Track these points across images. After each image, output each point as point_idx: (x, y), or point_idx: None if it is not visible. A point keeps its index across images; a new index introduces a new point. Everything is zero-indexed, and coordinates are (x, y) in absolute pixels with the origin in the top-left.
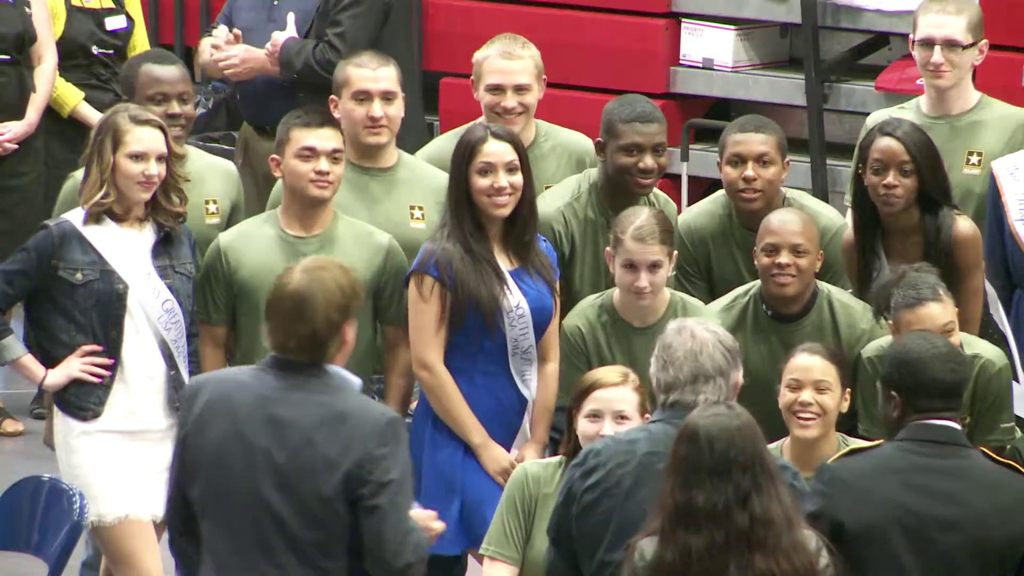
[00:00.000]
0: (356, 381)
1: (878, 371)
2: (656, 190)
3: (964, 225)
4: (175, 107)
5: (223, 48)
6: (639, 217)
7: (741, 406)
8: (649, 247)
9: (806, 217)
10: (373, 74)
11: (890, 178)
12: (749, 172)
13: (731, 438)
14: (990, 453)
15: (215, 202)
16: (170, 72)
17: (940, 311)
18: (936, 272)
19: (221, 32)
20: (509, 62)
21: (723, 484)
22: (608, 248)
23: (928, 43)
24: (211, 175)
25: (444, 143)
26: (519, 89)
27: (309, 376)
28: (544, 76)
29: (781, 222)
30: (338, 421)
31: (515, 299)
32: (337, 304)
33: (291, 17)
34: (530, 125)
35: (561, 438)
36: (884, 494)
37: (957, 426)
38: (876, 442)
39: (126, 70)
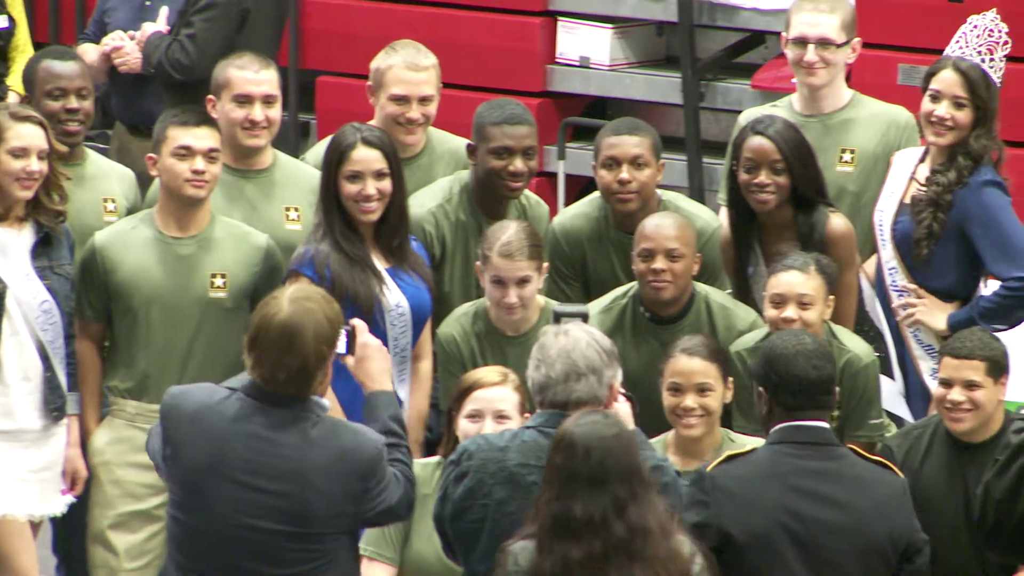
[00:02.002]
0: (328, 404)
1: (747, 364)
2: (527, 192)
3: (837, 223)
4: (73, 102)
5: (121, 46)
6: (506, 233)
7: (614, 414)
8: (517, 263)
9: (682, 221)
10: (255, 77)
11: (762, 176)
12: (624, 175)
13: (608, 447)
14: (860, 451)
15: (113, 201)
16: (69, 68)
17: (800, 280)
18: (831, 264)
19: (115, 36)
20: (415, 73)
21: (600, 494)
22: (478, 262)
23: (802, 41)
24: (110, 176)
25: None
26: (423, 100)
27: (295, 411)
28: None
29: (656, 227)
30: (337, 461)
31: (395, 297)
32: (326, 336)
33: (164, 10)
34: (424, 132)
35: (434, 437)
36: (769, 501)
37: (826, 425)
38: (750, 447)
39: (28, 66)
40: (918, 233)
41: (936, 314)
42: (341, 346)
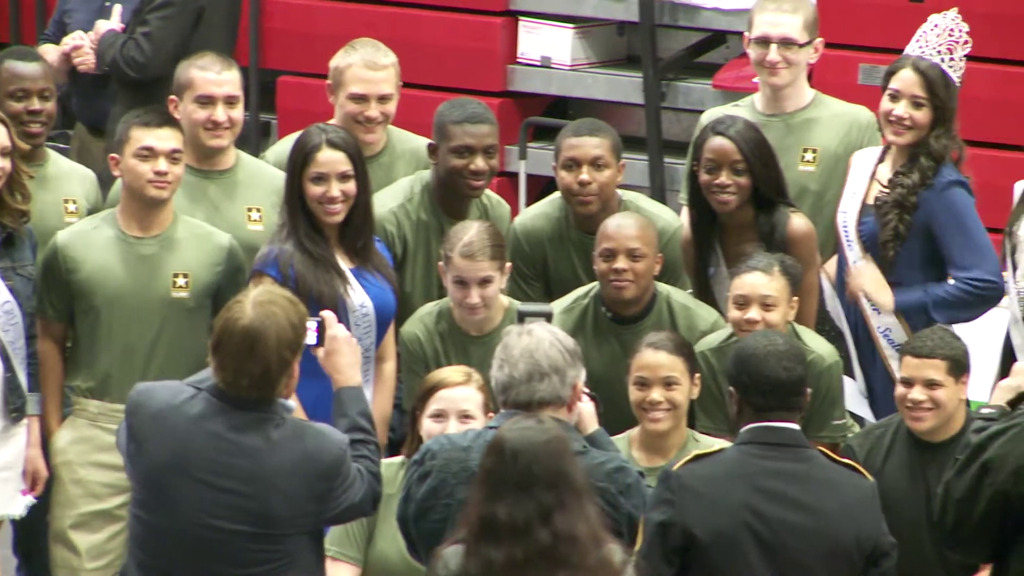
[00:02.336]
0: (293, 406)
1: (711, 365)
2: (488, 191)
3: (798, 223)
4: (36, 103)
5: (80, 45)
6: (467, 233)
7: (553, 421)
8: (478, 264)
9: (643, 221)
10: (217, 77)
11: (723, 177)
12: (584, 176)
13: (536, 453)
14: (829, 453)
15: (74, 202)
16: (31, 69)
17: (763, 281)
18: (796, 265)
19: (76, 35)
20: (374, 72)
21: (525, 499)
22: (440, 263)
23: (764, 41)
24: (71, 177)
25: (290, 145)
26: (382, 99)
27: (259, 414)
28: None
29: (617, 227)
30: (301, 463)
31: (359, 298)
32: (289, 341)
33: (117, 8)
34: (384, 130)
35: (397, 438)
36: (734, 501)
37: (796, 427)
38: (717, 447)
39: None
40: (884, 235)
41: (882, 291)
42: (311, 338)
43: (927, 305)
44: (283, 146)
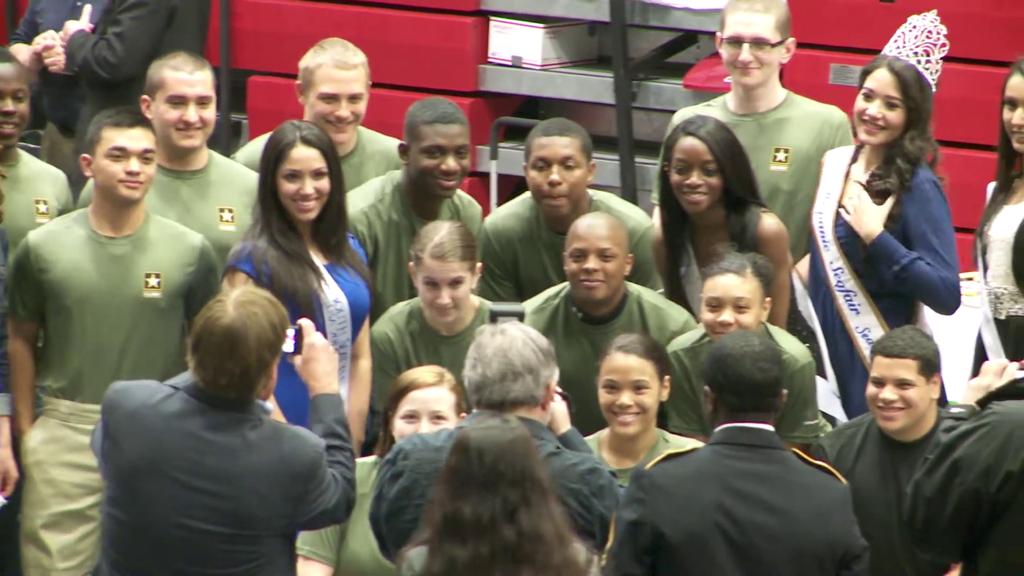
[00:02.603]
0: (271, 408)
1: (684, 365)
2: (460, 192)
3: (769, 223)
4: (9, 104)
5: (52, 45)
6: (438, 234)
7: (518, 420)
8: (448, 264)
9: (614, 221)
10: (189, 78)
11: (694, 178)
12: (554, 176)
13: (501, 451)
14: (802, 454)
15: (46, 203)
16: (5, 69)
17: (736, 283)
18: (768, 265)
19: (47, 35)
20: (345, 72)
21: (490, 497)
22: (411, 263)
23: (736, 41)
24: (43, 178)
25: (262, 145)
26: (353, 98)
27: (236, 414)
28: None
29: (588, 227)
30: (277, 465)
31: (333, 293)
32: (269, 342)
33: (87, 8)
34: (354, 130)
35: (369, 438)
36: (705, 501)
37: (770, 428)
38: (690, 447)
39: None
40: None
41: (876, 221)
42: (288, 345)
43: (902, 262)
44: (254, 146)
